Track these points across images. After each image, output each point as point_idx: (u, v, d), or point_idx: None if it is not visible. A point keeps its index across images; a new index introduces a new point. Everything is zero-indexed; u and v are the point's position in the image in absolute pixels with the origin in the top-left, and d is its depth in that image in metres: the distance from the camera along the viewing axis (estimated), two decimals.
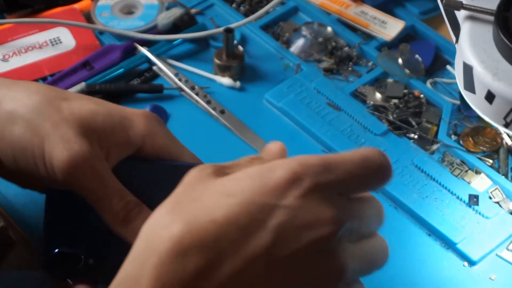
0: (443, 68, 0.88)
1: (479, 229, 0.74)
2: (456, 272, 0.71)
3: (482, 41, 0.63)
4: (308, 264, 0.49)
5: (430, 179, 0.77)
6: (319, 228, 0.49)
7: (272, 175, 0.49)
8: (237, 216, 0.48)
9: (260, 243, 0.48)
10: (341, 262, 0.50)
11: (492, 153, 0.80)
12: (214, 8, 0.94)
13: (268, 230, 0.48)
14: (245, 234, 0.48)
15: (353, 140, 0.80)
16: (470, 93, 0.64)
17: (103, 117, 0.61)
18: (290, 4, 0.94)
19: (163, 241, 0.48)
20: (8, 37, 0.90)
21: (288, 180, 0.49)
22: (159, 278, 0.47)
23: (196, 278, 0.47)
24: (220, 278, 0.47)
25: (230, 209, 0.48)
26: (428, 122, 0.82)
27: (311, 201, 0.49)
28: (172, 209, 0.50)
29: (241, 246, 0.48)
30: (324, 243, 0.49)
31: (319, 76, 0.86)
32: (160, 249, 0.48)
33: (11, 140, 0.60)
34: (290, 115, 0.83)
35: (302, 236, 0.48)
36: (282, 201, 0.48)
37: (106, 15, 0.92)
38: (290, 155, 0.79)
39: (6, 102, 0.62)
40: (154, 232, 0.49)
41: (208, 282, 0.47)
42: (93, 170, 0.59)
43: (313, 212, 0.49)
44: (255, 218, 0.48)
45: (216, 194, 0.49)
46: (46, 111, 0.60)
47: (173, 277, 0.47)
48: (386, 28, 0.90)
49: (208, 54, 0.89)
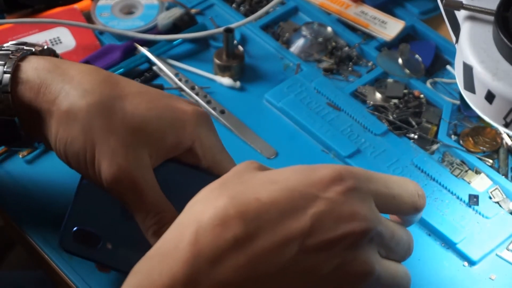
0: (443, 68, 0.88)
1: (479, 229, 0.74)
2: (456, 272, 0.72)
3: (482, 41, 0.63)
4: (339, 258, 0.51)
5: (430, 179, 0.77)
6: (354, 223, 0.51)
7: (317, 171, 0.53)
8: (279, 199, 0.51)
9: (297, 227, 0.51)
10: (369, 263, 0.52)
11: (492, 153, 0.80)
12: (214, 8, 0.94)
13: (306, 216, 0.51)
14: (285, 216, 0.51)
15: (353, 140, 0.80)
16: (470, 93, 0.64)
17: (155, 121, 0.64)
18: (290, 4, 0.94)
19: (206, 211, 0.51)
20: (8, 37, 0.90)
21: (332, 177, 0.52)
22: (196, 243, 0.50)
23: (232, 247, 0.50)
24: (253, 252, 0.50)
25: (274, 193, 0.52)
26: (428, 122, 0.82)
27: (350, 199, 0.52)
28: (219, 187, 0.53)
29: (279, 226, 0.51)
30: (356, 240, 0.51)
31: (319, 76, 0.86)
32: (202, 217, 0.51)
33: (66, 140, 0.63)
34: (290, 115, 0.83)
35: (337, 228, 0.51)
36: (323, 193, 0.52)
37: (106, 15, 0.92)
38: (290, 155, 0.80)
39: (61, 99, 0.64)
40: (197, 204, 0.53)
41: (242, 253, 0.50)
42: (134, 186, 0.62)
43: (351, 208, 0.52)
44: (296, 204, 0.51)
45: (261, 180, 0.53)
46: (99, 117, 0.63)
47: (210, 243, 0.50)
48: (386, 28, 0.90)
49: (208, 54, 0.89)
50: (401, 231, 0.55)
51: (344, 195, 0.52)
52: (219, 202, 0.51)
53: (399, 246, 0.55)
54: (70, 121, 0.63)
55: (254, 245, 0.50)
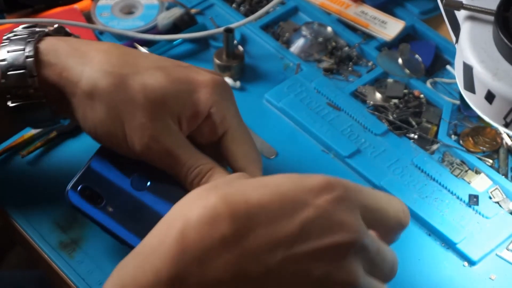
0: (443, 68, 0.88)
1: (479, 229, 0.74)
2: (456, 272, 0.72)
3: (482, 41, 0.63)
4: (325, 266, 0.51)
5: (430, 179, 0.77)
6: (342, 233, 0.51)
7: (308, 179, 0.53)
8: (269, 203, 0.51)
9: (286, 231, 0.50)
10: (354, 274, 0.51)
11: (492, 153, 0.80)
12: (214, 8, 0.94)
13: (295, 222, 0.51)
14: (274, 220, 0.51)
15: (353, 140, 0.80)
16: (470, 93, 0.64)
17: (173, 93, 0.66)
18: (290, 4, 0.94)
19: (194, 208, 0.51)
20: None
21: (322, 185, 0.52)
22: (183, 241, 0.50)
23: (220, 247, 0.50)
24: (241, 252, 0.50)
25: (264, 196, 0.51)
26: (428, 122, 0.82)
27: (339, 208, 0.52)
28: (209, 188, 0.53)
29: (268, 229, 0.50)
30: (343, 249, 0.51)
31: (319, 76, 0.86)
32: (190, 215, 0.51)
33: (94, 121, 0.66)
34: (290, 115, 0.83)
35: (325, 236, 0.51)
36: (313, 201, 0.51)
37: (106, 15, 0.92)
38: (290, 155, 0.80)
39: (83, 82, 0.66)
40: (186, 203, 0.53)
41: (230, 253, 0.50)
42: (167, 151, 0.65)
43: (339, 218, 0.51)
44: (285, 209, 0.51)
45: (252, 184, 0.53)
46: (122, 96, 0.65)
47: (197, 241, 0.50)
48: (386, 28, 0.90)
49: (208, 54, 0.89)
50: (386, 248, 0.55)
51: (334, 204, 0.51)
52: (209, 202, 0.51)
53: (384, 263, 0.54)
54: (95, 103, 0.66)
55: (242, 246, 0.50)
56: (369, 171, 0.78)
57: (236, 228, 0.50)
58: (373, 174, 0.77)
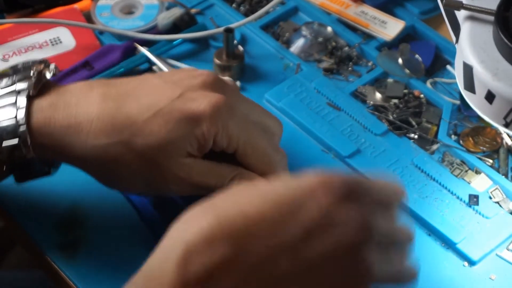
0: (443, 68, 0.88)
1: (479, 229, 0.74)
2: (456, 272, 0.71)
3: (482, 41, 0.63)
4: (336, 265, 0.50)
5: (430, 179, 0.77)
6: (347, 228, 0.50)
7: (305, 178, 0.52)
8: (268, 211, 0.50)
9: (287, 237, 0.50)
10: (368, 266, 0.51)
11: (492, 153, 0.80)
12: (214, 8, 0.94)
13: (297, 226, 0.50)
14: (275, 227, 0.50)
15: (353, 140, 0.80)
16: (470, 93, 0.64)
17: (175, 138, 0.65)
18: (290, 4, 0.94)
19: (192, 231, 0.50)
20: (8, 37, 0.90)
21: (320, 181, 0.51)
22: (184, 266, 0.49)
23: (222, 268, 0.49)
24: (246, 269, 0.49)
25: (262, 205, 0.51)
26: (428, 122, 0.82)
27: (340, 204, 0.51)
28: (205, 206, 0.52)
29: (270, 238, 0.50)
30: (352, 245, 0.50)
31: (319, 76, 0.86)
32: (188, 238, 0.50)
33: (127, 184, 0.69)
34: (290, 115, 0.82)
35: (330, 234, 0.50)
36: (313, 200, 0.51)
37: (106, 15, 0.92)
38: (290, 155, 0.79)
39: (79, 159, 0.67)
40: (184, 224, 0.52)
41: (234, 272, 0.49)
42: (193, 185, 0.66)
43: (342, 214, 0.51)
44: (286, 213, 0.50)
45: (249, 193, 0.52)
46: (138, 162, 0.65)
47: (198, 265, 0.49)
48: (386, 28, 0.90)
49: (208, 54, 0.89)
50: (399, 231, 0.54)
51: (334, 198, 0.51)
52: (204, 222, 0.50)
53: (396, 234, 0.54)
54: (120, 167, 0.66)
55: (246, 262, 0.49)
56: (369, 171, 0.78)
57: (235, 246, 0.49)
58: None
